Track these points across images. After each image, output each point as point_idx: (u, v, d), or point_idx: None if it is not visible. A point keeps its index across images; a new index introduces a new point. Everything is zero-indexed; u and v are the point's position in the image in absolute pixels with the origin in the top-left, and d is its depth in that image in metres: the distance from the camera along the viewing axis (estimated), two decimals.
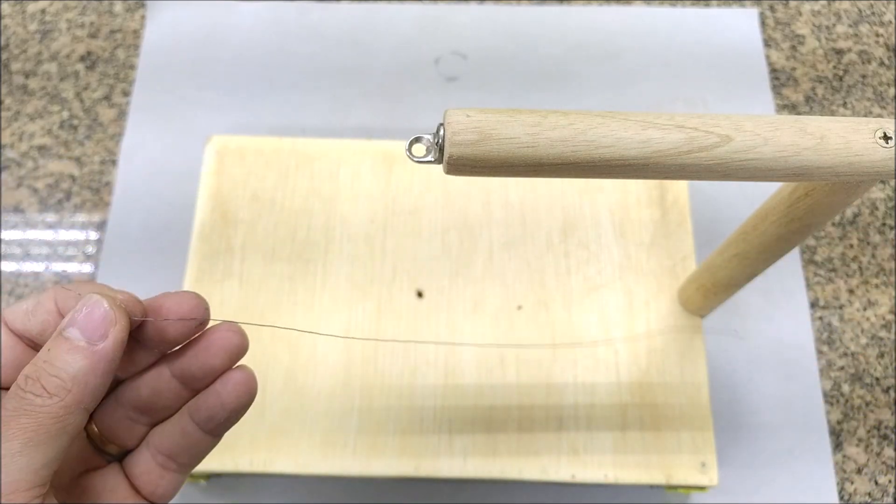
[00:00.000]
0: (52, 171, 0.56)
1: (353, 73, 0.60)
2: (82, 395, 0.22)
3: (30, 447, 0.21)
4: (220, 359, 0.26)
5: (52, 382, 0.22)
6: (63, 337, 0.23)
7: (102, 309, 0.23)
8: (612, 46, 0.62)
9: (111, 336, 0.23)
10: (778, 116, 0.25)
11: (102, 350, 0.23)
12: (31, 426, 0.21)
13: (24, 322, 0.25)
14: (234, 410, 0.26)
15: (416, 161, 0.24)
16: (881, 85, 0.60)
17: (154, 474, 0.27)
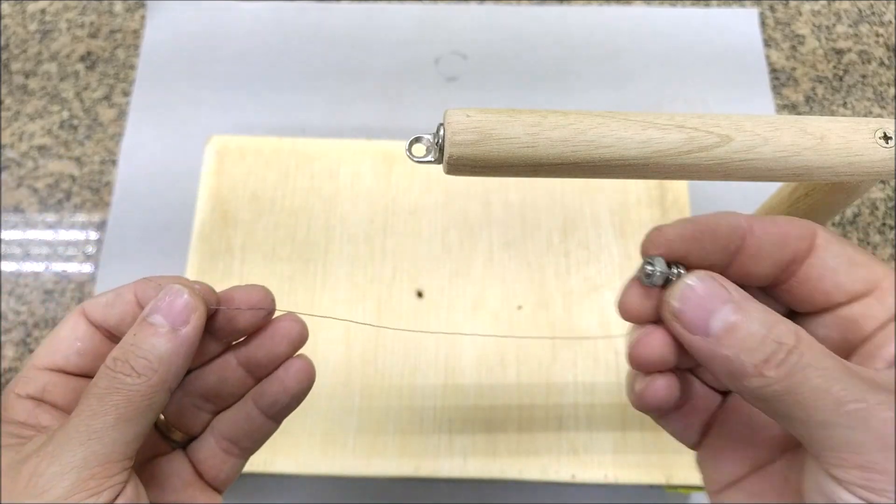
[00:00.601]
0: (52, 171, 0.56)
1: (353, 73, 0.60)
2: (167, 376, 0.24)
3: (121, 422, 0.23)
4: (284, 346, 0.28)
5: (140, 363, 0.24)
6: (148, 323, 0.24)
7: (184, 297, 0.25)
8: (612, 46, 0.62)
9: (192, 322, 0.25)
10: (778, 116, 0.25)
11: (185, 335, 0.24)
12: (123, 403, 0.23)
13: (103, 314, 0.26)
14: (295, 395, 0.28)
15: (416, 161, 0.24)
16: (881, 85, 0.60)
17: (217, 459, 0.29)
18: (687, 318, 0.22)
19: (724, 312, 0.21)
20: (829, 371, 0.20)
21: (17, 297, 0.52)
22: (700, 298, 0.22)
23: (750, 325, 0.21)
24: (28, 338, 0.51)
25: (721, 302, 0.21)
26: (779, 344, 0.20)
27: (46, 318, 0.51)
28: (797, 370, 0.20)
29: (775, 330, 0.20)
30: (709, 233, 0.23)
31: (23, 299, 0.52)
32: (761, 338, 0.20)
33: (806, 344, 0.20)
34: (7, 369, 0.50)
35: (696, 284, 0.22)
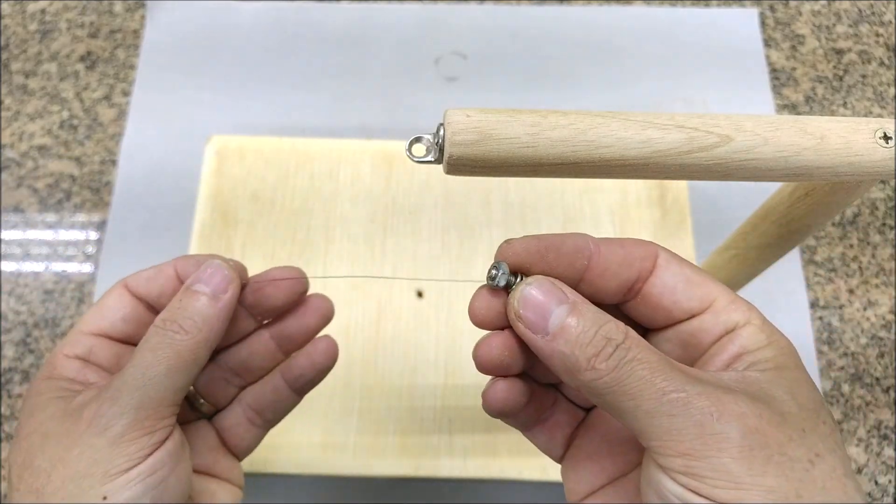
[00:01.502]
0: (52, 171, 0.56)
1: (353, 73, 0.60)
2: (209, 335, 0.28)
3: (171, 372, 0.27)
4: (316, 320, 0.32)
5: (188, 323, 0.27)
6: (193, 290, 0.28)
7: (224, 270, 0.29)
8: (612, 46, 0.62)
9: (230, 291, 0.29)
10: (778, 116, 0.25)
11: (225, 301, 0.28)
12: (173, 356, 0.27)
13: (146, 287, 0.30)
14: (321, 370, 0.32)
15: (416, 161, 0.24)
16: (881, 85, 0.60)
17: (241, 428, 0.32)
18: (528, 317, 0.23)
19: (560, 312, 0.23)
20: (654, 364, 0.22)
21: (17, 297, 0.52)
22: (538, 300, 0.23)
23: (583, 323, 0.23)
24: (28, 338, 0.51)
25: (557, 302, 0.23)
26: (607, 339, 0.22)
27: (46, 318, 0.51)
28: (624, 363, 0.22)
29: (605, 327, 0.22)
30: (553, 249, 0.25)
31: (23, 299, 0.52)
32: (593, 334, 0.22)
33: (633, 340, 0.22)
34: (7, 369, 0.50)
35: (535, 286, 0.24)
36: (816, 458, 0.21)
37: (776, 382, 0.22)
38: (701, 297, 0.24)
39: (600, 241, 0.25)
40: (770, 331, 0.24)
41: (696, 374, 0.22)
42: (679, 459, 0.21)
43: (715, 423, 0.20)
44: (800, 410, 0.22)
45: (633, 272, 0.25)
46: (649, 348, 0.22)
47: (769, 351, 0.23)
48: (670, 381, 0.21)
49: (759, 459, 0.20)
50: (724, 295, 0.24)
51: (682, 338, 0.25)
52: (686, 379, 0.21)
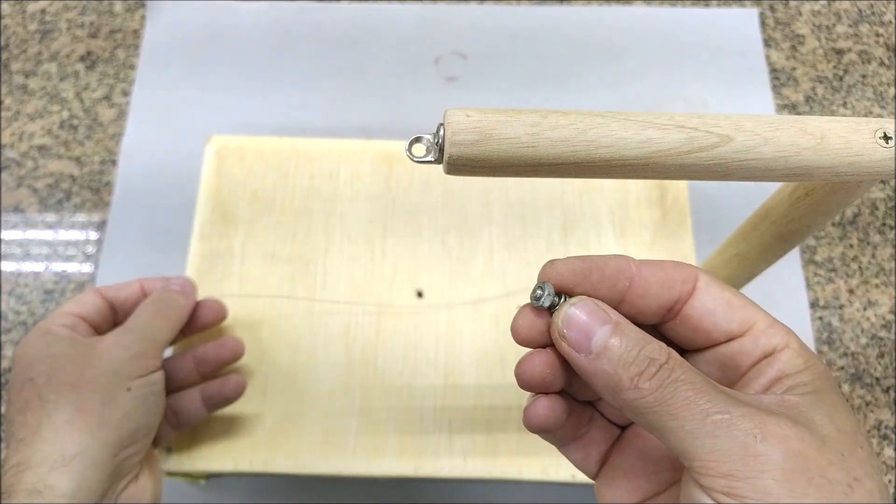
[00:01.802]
0: (52, 171, 0.56)
1: (353, 73, 0.60)
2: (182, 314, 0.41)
3: (165, 327, 0.40)
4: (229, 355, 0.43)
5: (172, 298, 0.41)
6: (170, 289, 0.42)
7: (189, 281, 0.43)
8: (612, 46, 0.62)
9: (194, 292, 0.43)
10: (778, 116, 0.25)
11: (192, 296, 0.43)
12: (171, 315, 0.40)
13: (114, 293, 0.42)
14: (228, 399, 0.42)
15: (416, 161, 0.24)
16: (881, 85, 0.60)
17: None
18: (571, 337, 0.24)
19: (603, 332, 0.23)
20: (698, 384, 0.22)
21: (17, 297, 0.52)
22: (582, 319, 0.24)
23: (626, 343, 0.23)
24: None
25: (600, 323, 0.24)
26: (651, 359, 0.22)
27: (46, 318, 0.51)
28: (668, 383, 0.22)
29: (648, 348, 0.23)
30: (596, 270, 0.25)
31: (23, 299, 0.52)
32: (636, 354, 0.23)
33: (676, 361, 0.23)
34: (7, 369, 0.50)
35: (579, 307, 0.24)
36: (855, 482, 0.21)
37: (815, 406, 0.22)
38: (741, 321, 0.25)
39: (641, 263, 0.25)
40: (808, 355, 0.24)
41: (738, 396, 0.22)
42: (722, 480, 0.21)
43: (758, 444, 0.21)
44: (839, 435, 0.22)
45: (674, 294, 0.25)
46: (692, 369, 0.23)
47: (807, 375, 0.24)
48: (714, 402, 0.21)
49: (801, 482, 0.20)
50: (764, 319, 0.25)
51: (720, 360, 0.25)
52: (729, 400, 0.22)
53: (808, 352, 0.24)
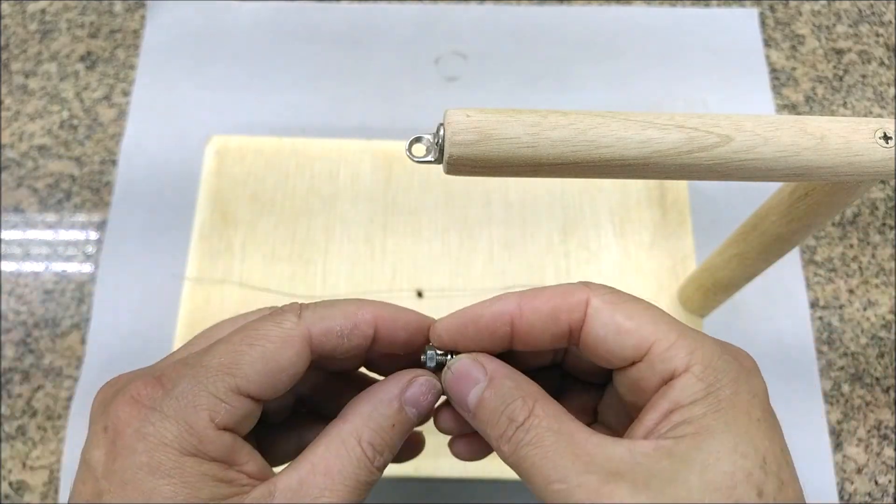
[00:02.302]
0: (52, 171, 0.56)
1: (353, 73, 0.60)
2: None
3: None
4: None
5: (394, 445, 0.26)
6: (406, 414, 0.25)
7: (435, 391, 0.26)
8: (612, 46, 0.62)
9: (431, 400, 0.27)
10: (778, 116, 0.25)
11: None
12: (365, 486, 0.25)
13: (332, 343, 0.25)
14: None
15: (416, 161, 0.24)
16: (881, 85, 0.60)
17: None
18: (453, 398, 0.24)
19: (475, 392, 0.23)
20: (548, 449, 0.21)
21: (17, 297, 0.52)
22: (456, 380, 0.24)
23: (493, 402, 0.23)
24: (28, 338, 0.51)
25: (473, 382, 0.24)
26: (510, 420, 0.22)
27: (46, 318, 0.51)
28: (521, 447, 0.22)
29: (510, 407, 0.22)
30: (472, 324, 0.25)
31: (23, 299, 0.52)
32: (499, 415, 0.23)
33: (536, 419, 0.22)
34: (7, 369, 0.50)
35: (453, 368, 0.24)
36: None
37: (686, 455, 0.20)
38: (634, 346, 0.23)
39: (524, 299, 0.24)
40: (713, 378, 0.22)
41: (591, 458, 0.21)
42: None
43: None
44: (703, 493, 0.20)
45: (563, 327, 0.24)
46: (552, 428, 0.22)
47: (699, 408, 0.21)
48: (557, 469, 0.21)
49: None
50: (665, 339, 0.23)
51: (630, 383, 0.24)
52: (575, 467, 0.21)
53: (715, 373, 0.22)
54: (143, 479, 0.21)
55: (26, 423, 0.48)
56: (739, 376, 0.22)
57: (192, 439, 0.21)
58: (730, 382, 0.22)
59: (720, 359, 0.22)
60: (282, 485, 0.22)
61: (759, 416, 0.22)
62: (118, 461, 0.21)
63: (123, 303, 0.51)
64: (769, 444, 0.21)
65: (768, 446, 0.21)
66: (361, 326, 0.25)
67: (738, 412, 0.21)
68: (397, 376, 0.25)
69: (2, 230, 0.54)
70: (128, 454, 0.21)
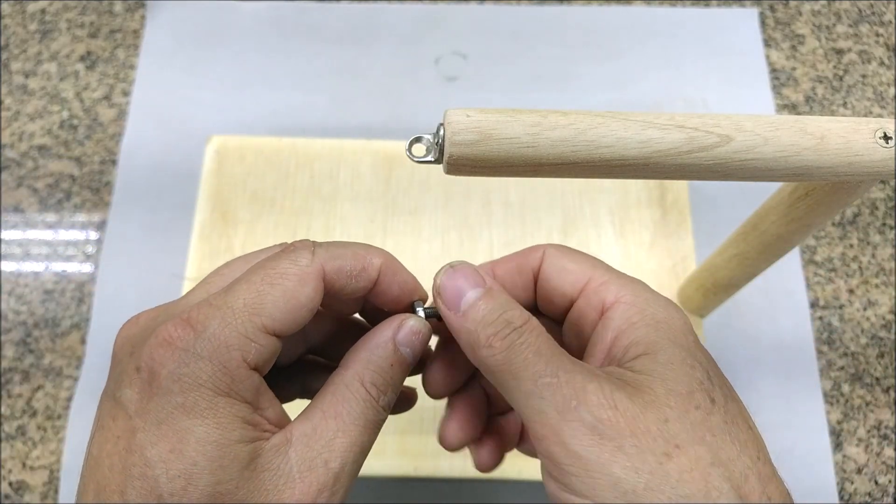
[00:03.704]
0: (52, 171, 0.56)
1: (353, 73, 0.60)
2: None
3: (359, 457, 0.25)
4: None
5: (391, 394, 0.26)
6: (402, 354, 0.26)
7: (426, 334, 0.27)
8: (612, 46, 0.62)
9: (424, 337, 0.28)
10: (778, 116, 0.25)
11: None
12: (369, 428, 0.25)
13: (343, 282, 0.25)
14: None
15: (416, 161, 0.24)
16: (881, 85, 0.60)
17: None
18: (446, 295, 0.25)
19: (473, 294, 0.25)
20: (540, 349, 0.23)
21: (17, 297, 0.52)
22: (456, 280, 0.25)
23: (489, 306, 0.24)
24: (28, 338, 0.51)
25: (472, 285, 0.25)
26: (507, 322, 0.24)
27: (46, 318, 0.51)
28: (516, 344, 0.23)
29: (509, 313, 0.24)
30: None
31: (23, 299, 0.52)
32: (496, 316, 0.24)
33: (531, 326, 0.24)
34: (7, 369, 0.50)
35: (456, 267, 0.26)
36: (675, 450, 0.21)
37: (646, 367, 0.23)
38: (573, 282, 0.26)
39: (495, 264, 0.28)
40: (643, 306, 0.24)
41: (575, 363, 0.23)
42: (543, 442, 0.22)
43: (573, 409, 0.21)
44: (667, 397, 0.22)
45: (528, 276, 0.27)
46: (544, 336, 0.24)
47: (640, 329, 0.24)
48: (549, 366, 0.23)
49: (609, 448, 0.21)
50: (598, 276, 0.25)
51: (573, 327, 0.26)
52: (563, 366, 0.22)
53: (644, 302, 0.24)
54: (178, 418, 0.21)
55: (26, 423, 0.48)
56: (668, 305, 0.25)
57: (226, 379, 0.22)
58: (661, 308, 0.24)
59: (648, 292, 0.25)
60: (297, 432, 0.23)
61: (693, 339, 0.24)
62: (153, 401, 0.21)
63: (123, 303, 0.51)
64: (708, 361, 0.23)
65: (709, 363, 0.23)
66: (369, 270, 0.26)
67: (676, 332, 0.24)
68: (387, 322, 0.26)
69: (2, 230, 0.54)
70: (163, 394, 0.21)
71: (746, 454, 0.21)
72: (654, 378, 0.22)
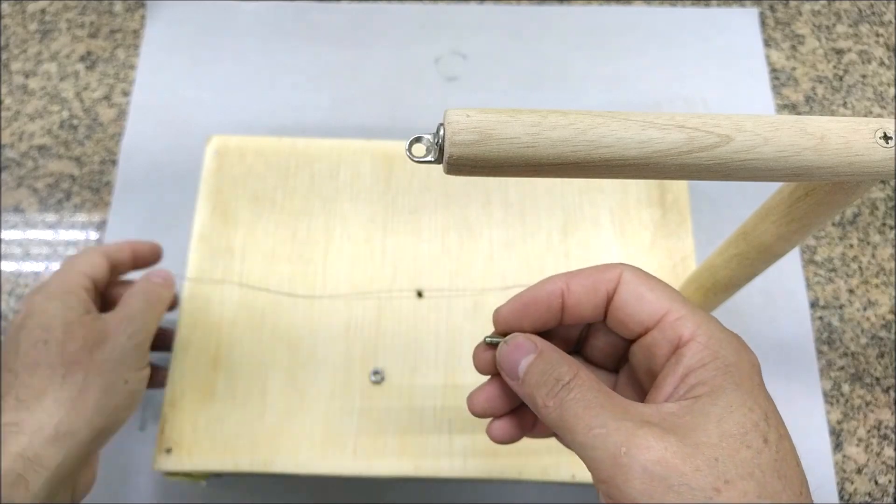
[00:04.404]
0: (52, 171, 0.56)
1: (353, 73, 0.60)
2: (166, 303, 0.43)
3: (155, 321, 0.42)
4: None
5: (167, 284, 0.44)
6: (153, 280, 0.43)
7: (171, 275, 0.45)
8: (612, 46, 0.62)
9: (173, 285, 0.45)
10: (778, 116, 0.25)
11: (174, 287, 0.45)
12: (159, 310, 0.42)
13: (113, 255, 0.43)
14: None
15: (416, 161, 0.24)
16: (881, 85, 0.60)
17: None
18: (506, 368, 0.28)
19: (526, 361, 0.27)
20: (589, 401, 0.25)
21: (17, 297, 0.52)
22: (510, 352, 0.28)
23: (541, 367, 0.27)
24: None
25: (525, 353, 0.28)
26: (556, 380, 0.26)
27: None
28: (566, 401, 0.25)
29: (557, 370, 0.26)
30: (531, 304, 0.29)
31: (23, 299, 0.52)
32: (547, 377, 0.26)
33: (580, 380, 0.26)
34: None
35: (510, 343, 0.29)
36: (724, 485, 0.22)
37: (704, 410, 0.24)
38: (651, 312, 0.27)
39: (568, 278, 0.29)
40: (717, 346, 0.25)
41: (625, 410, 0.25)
42: (602, 485, 0.23)
43: (623, 456, 0.23)
44: (720, 439, 0.23)
45: (602, 295, 0.28)
46: (593, 387, 0.25)
47: (710, 371, 0.25)
48: (598, 417, 0.24)
49: (660, 488, 0.22)
50: (677, 310, 0.26)
51: (644, 352, 0.28)
52: (612, 415, 0.24)
53: (717, 343, 0.25)
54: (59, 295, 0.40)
55: None
56: (740, 348, 0.26)
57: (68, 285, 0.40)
58: (733, 351, 0.25)
59: (721, 332, 0.26)
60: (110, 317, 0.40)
61: (758, 381, 0.25)
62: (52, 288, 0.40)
63: None
64: (767, 403, 0.24)
65: (768, 405, 0.24)
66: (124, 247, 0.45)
67: (742, 375, 0.25)
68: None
69: (2, 230, 0.54)
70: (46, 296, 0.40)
71: (791, 489, 0.23)
72: (709, 419, 0.23)
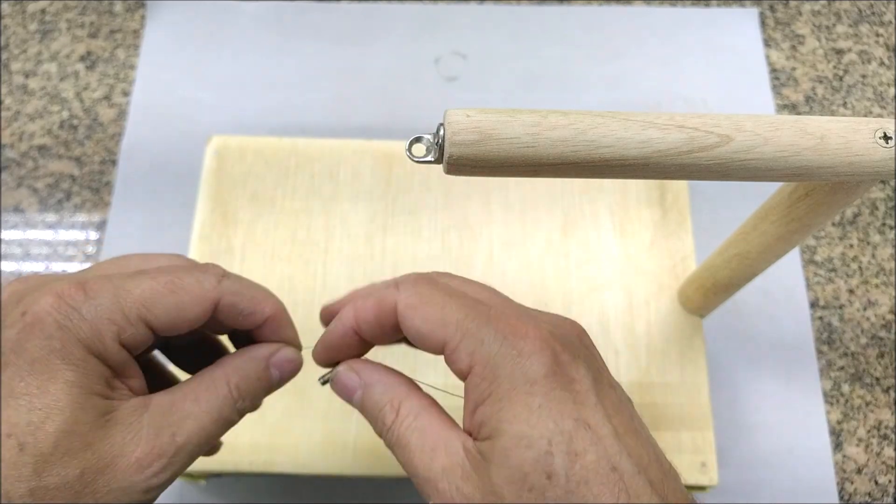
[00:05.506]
0: (52, 171, 0.56)
1: (353, 73, 0.60)
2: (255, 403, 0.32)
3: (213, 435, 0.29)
4: None
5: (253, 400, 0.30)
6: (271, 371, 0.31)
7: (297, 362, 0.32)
8: (612, 46, 0.62)
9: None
10: (778, 116, 0.25)
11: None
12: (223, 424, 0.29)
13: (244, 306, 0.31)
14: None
15: (416, 161, 0.24)
16: (881, 85, 0.60)
17: None
18: (344, 397, 0.29)
19: (356, 396, 0.28)
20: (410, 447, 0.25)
21: None
22: (340, 389, 0.29)
23: (368, 404, 0.28)
24: None
25: (351, 391, 0.28)
26: (382, 423, 0.27)
27: None
28: (391, 446, 0.26)
29: (382, 412, 0.27)
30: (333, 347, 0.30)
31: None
32: (374, 417, 0.27)
33: (399, 422, 0.26)
34: None
35: (335, 378, 0.29)
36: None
37: (490, 455, 0.23)
38: (432, 345, 0.26)
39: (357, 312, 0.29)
40: (494, 372, 0.24)
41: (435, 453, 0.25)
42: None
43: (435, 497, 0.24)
44: (505, 485, 0.22)
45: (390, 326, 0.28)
46: (410, 427, 0.26)
47: (489, 407, 0.24)
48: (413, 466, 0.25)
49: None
50: (451, 341, 0.25)
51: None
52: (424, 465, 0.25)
53: (494, 367, 0.24)
54: (52, 360, 0.23)
55: None
56: (514, 370, 0.24)
57: (99, 345, 0.24)
58: (506, 377, 0.24)
59: (497, 354, 0.24)
60: (155, 402, 0.26)
61: (539, 403, 0.23)
62: (32, 341, 0.24)
63: None
64: (554, 424, 0.23)
65: (553, 427, 0.23)
66: (256, 317, 0.29)
67: (517, 406, 0.23)
68: (268, 344, 0.30)
69: (2, 230, 0.54)
70: (44, 337, 0.24)
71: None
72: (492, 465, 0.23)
